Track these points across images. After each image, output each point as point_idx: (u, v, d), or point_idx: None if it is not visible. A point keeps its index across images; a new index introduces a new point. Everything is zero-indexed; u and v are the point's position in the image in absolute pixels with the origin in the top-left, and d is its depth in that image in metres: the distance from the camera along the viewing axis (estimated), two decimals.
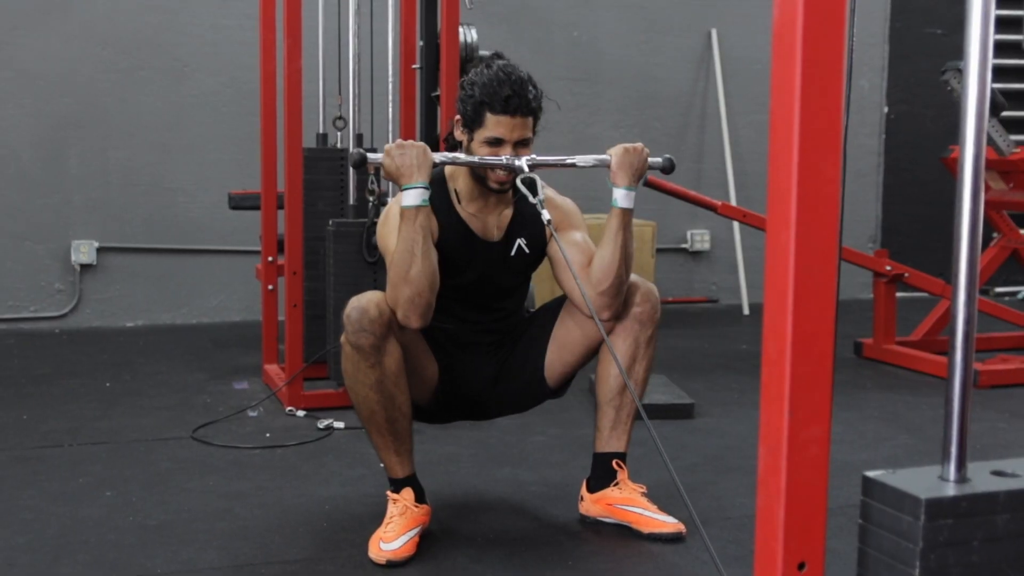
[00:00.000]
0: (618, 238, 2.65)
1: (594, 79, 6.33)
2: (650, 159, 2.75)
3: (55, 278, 5.64)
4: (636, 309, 2.70)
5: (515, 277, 2.79)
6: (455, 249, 2.67)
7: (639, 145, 2.72)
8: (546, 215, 2.53)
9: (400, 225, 2.51)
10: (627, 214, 2.68)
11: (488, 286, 2.75)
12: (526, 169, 2.58)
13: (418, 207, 2.50)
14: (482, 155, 2.63)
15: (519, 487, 3.11)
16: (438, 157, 2.59)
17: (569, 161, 2.74)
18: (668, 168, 2.82)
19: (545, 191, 2.82)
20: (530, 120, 2.64)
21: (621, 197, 2.68)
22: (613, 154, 2.70)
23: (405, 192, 2.51)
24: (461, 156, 2.64)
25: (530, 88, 2.62)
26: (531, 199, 2.56)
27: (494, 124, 2.60)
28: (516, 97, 2.58)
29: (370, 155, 2.58)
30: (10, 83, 5.50)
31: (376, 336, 2.50)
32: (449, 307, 2.67)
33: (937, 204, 6.88)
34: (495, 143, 2.61)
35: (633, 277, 2.72)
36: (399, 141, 2.55)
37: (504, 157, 2.60)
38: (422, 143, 2.55)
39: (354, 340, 2.51)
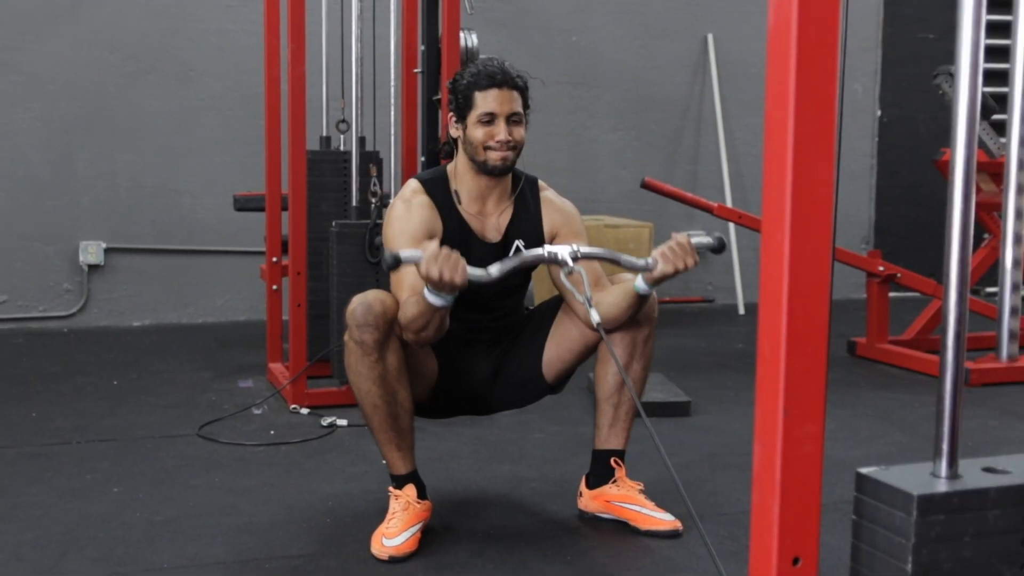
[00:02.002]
0: (629, 310, 2.63)
1: (592, 83, 6.32)
2: (698, 241, 2.54)
3: (63, 278, 5.63)
4: None
5: (515, 277, 2.79)
6: (455, 249, 2.66)
7: (690, 262, 2.51)
8: (595, 316, 2.32)
9: (422, 303, 2.43)
10: (645, 299, 2.63)
11: (488, 286, 2.74)
12: (570, 263, 2.41)
13: (443, 306, 2.44)
14: (478, 139, 2.63)
15: (519, 484, 3.10)
16: (472, 272, 2.38)
17: (613, 257, 2.50)
18: (718, 249, 2.55)
19: (545, 192, 2.82)
20: (517, 95, 2.65)
21: (644, 288, 2.58)
22: (659, 263, 2.52)
23: (434, 296, 2.41)
24: (494, 269, 2.41)
25: (512, 68, 2.68)
26: (578, 297, 2.43)
27: (483, 100, 2.63)
28: (501, 72, 2.64)
29: (403, 254, 2.35)
30: (19, 87, 5.50)
31: (379, 333, 2.51)
32: (451, 307, 2.67)
33: (929, 206, 6.87)
34: (488, 120, 2.62)
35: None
36: (437, 250, 2.36)
37: (546, 249, 2.46)
38: (461, 259, 2.37)
39: (357, 336, 2.52)
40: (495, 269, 2.43)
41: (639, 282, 2.57)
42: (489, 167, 2.66)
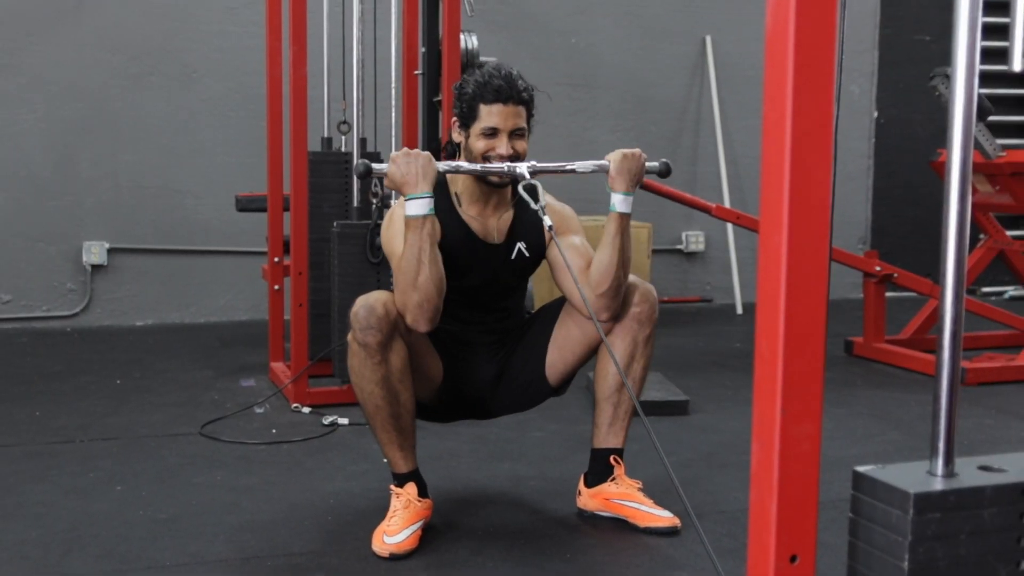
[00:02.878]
0: (616, 241, 2.65)
1: (592, 84, 6.32)
2: (647, 163, 2.74)
3: (67, 278, 5.63)
4: (635, 309, 2.70)
5: (516, 279, 2.79)
6: (457, 252, 2.66)
7: (637, 151, 2.72)
8: (547, 221, 2.50)
9: (406, 233, 2.50)
10: (625, 218, 2.68)
11: (490, 288, 2.75)
12: (527, 176, 2.56)
13: (424, 216, 2.49)
14: (479, 149, 2.63)
15: (518, 482, 3.10)
16: (442, 166, 2.57)
17: (569, 167, 2.72)
18: (665, 172, 2.82)
19: (545, 198, 2.81)
20: (522, 110, 2.64)
21: (619, 202, 2.68)
22: (611, 160, 2.70)
23: (410, 201, 2.49)
24: (464, 164, 2.63)
25: (519, 81, 2.65)
26: (532, 205, 2.53)
27: (487, 114, 2.61)
28: (507, 87, 2.61)
29: (375, 165, 2.55)
30: (23, 89, 5.50)
31: (383, 334, 2.50)
32: (452, 309, 2.67)
33: (925, 206, 6.88)
34: (491, 134, 2.61)
35: (632, 278, 2.72)
36: (404, 150, 2.53)
37: (505, 165, 2.60)
38: (427, 152, 2.53)
39: (361, 338, 2.51)
40: (464, 165, 2.62)
41: (613, 201, 2.68)
42: (488, 181, 2.67)
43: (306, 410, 3.85)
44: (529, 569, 2.47)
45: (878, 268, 4.82)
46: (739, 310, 6.37)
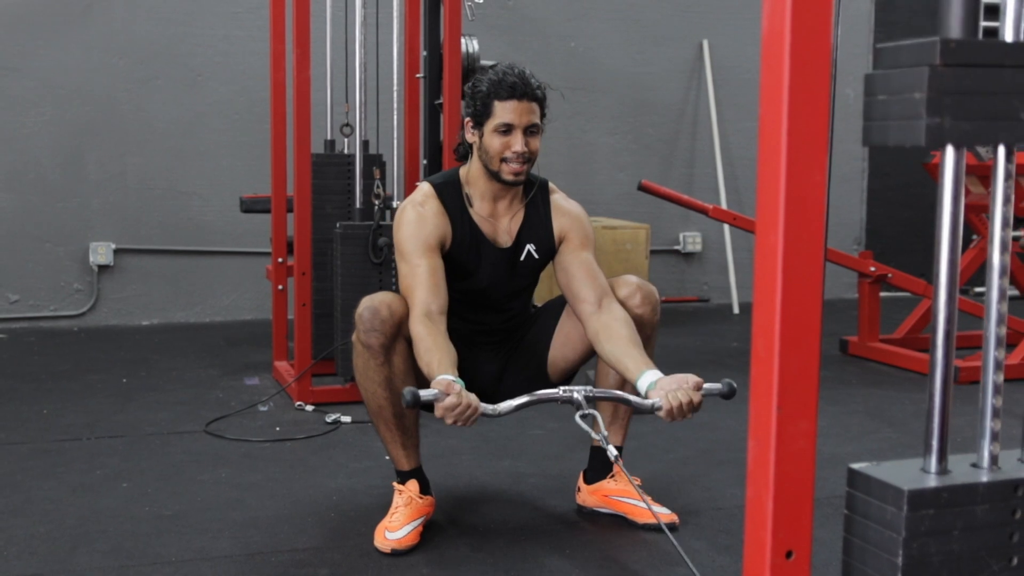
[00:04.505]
0: (619, 378, 2.63)
1: (590, 88, 6.32)
2: (707, 386, 2.47)
3: (74, 278, 5.63)
4: (637, 311, 2.69)
5: (524, 281, 2.78)
6: (466, 254, 2.65)
7: (690, 415, 2.44)
8: (612, 451, 2.32)
9: (426, 374, 2.42)
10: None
11: (497, 289, 2.74)
12: (584, 405, 2.35)
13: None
14: (495, 147, 2.59)
15: (519, 479, 3.10)
16: (486, 409, 2.34)
17: (623, 397, 2.46)
18: (729, 394, 2.48)
19: (555, 195, 2.79)
20: (536, 107, 2.62)
21: (642, 397, 2.50)
22: (663, 410, 2.44)
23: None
24: (504, 406, 2.36)
25: (533, 78, 2.63)
26: (594, 436, 2.34)
27: (502, 110, 2.59)
28: (521, 83, 2.59)
29: (423, 393, 2.27)
30: (31, 92, 5.50)
31: (386, 336, 2.50)
32: (459, 310, 2.66)
33: (919, 208, 6.88)
34: (505, 131, 2.59)
35: (633, 279, 2.71)
36: (461, 406, 2.28)
37: (561, 390, 2.40)
38: (476, 410, 2.30)
39: (365, 339, 2.51)
40: (504, 407, 2.35)
41: (641, 385, 2.47)
42: (502, 179, 2.64)
43: (309, 408, 3.85)
44: (529, 565, 2.47)
45: (872, 268, 4.82)
46: (735, 310, 6.37)
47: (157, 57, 5.65)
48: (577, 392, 2.37)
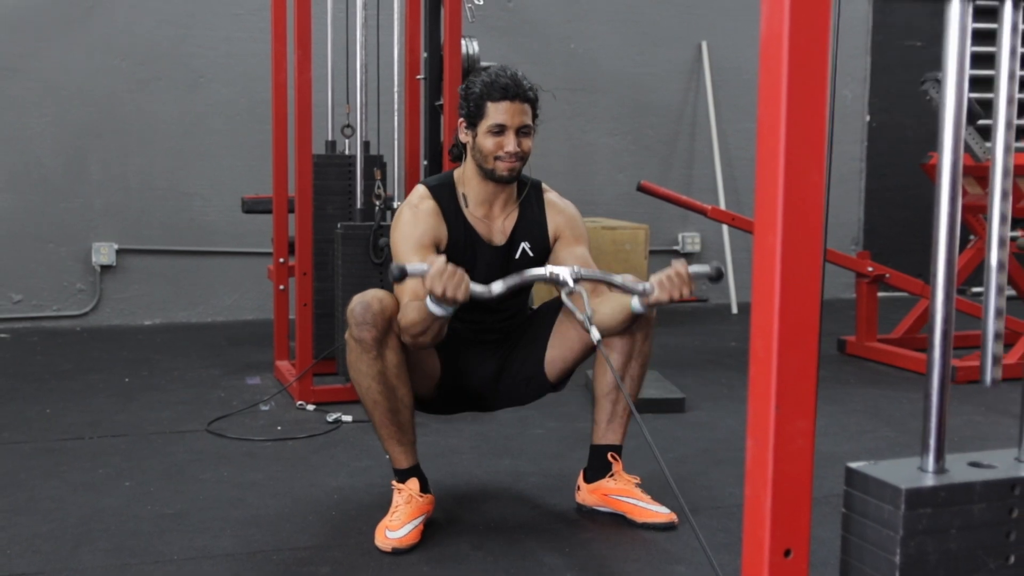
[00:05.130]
0: (625, 324, 2.62)
1: (590, 89, 6.32)
2: (694, 269, 2.48)
3: (76, 278, 5.63)
4: None
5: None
6: (461, 253, 2.66)
7: (682, 271, 2.46)
8: (595, 334, 2.32)
9: (423, 310, 2.43)
10: (640, 316, 2.60)
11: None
12: (571, 283, 2.42)
13: (444, 316, 2.44)
14: (487, 148, 2.61)
15: (519, 478, 3.10)
16: (476, 288, 2.40)
17: (610, 279, 2.51)
18: (717, 276, 2.50)
19: (548, 195, 2.81)
20: (528, 108, 2.63)
21: (640, 309, 2.55)
22: (656, 290, 2.47)
23: (436, 305, 2.40)
24: (496, 286, 2.43)
25: (524, 80, 2.65)
26: (578, 316, 2.37)
27: (495, 111, 2.60)
28: (513, 85, 2.61)
29: (410, 267, 2.34)
30: (34, 93, 5.50)
31: (378, 330, 2.50)
32: (456, 309, 2.66)
33: (917, 208, 6.88)
34: (498, 131, 2.60)
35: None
36: (443, 266, 2.34)
37: (548, 270, 2.46)
38: (465, 277, 2.37)
39: (357, 334, 2.52)
40: (497, 286, 2.43)
41: (635, 303, 2.54)
42: (497, 176, 2.66)
43: (310, 407, 3.85)
44: (528, 563, 2.47)
45: (870, 268, 4.82)
46: (734, 310, 6.37)
47: (159, 58, 5.65)
48: (563, 273, 2.43)
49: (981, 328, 1.26)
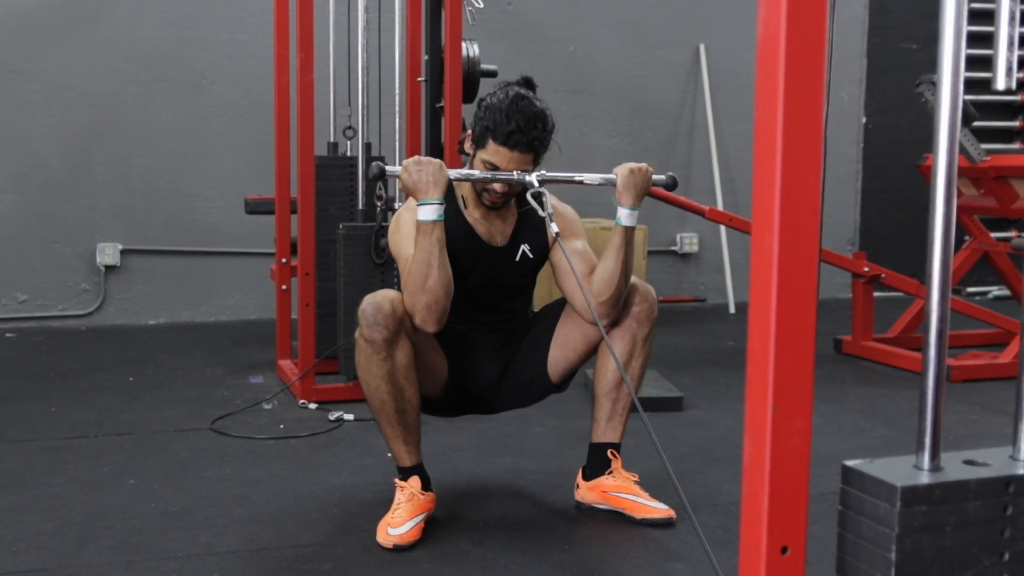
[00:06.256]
0: (620, 254, 2.64)
1: (589, 91, 6.32)
2: (654, 177, 2.70)
3: (81, 278, 5.63)
4: (635, 308, 2.70)
5: (520, 280, 2.79)
6: (462, 253, 2.66)
7: (643, 165, 2.67)
8: (554, 228, 2.49)
9: (416, 237, 2.50)
10: (630, 231, 2.66)
11: (495, 289, 2.74)
12: (536, 184, 2.55)
13: (434, 221, 2.49)
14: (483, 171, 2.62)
15: (519, 475, 3.10)
16: (453, 174, 2.55)
17: (577, 178, 2.70)
18: (671, 185, 2.76)
19: (551, 201, 2.81)
20: (530, 156, 2.60)
21: (625, 216, 2.65)
22: (619, 174, 2.66)
23: (421, 207, 2.49)
24: (475, 172, 2.60)
25: (537, 125, 2.58)
26: (540, 212, 2.53)
27: (494, 151, 2.59)
28: (519, 133, 2.56)
29: (388, 168, 2.54)
30: (39, 95, 5.50)
31: (389, 331, 2.50)
32: (458, 309, 2.66)
33: (912, 209, 6.88)
34: (492, 168, 2.61)
35: (631, 278, 2.71)
36: (417, 157, 2.51)
37: (515, 173, 2.57)
38: (439, 160, 2.51)
39: (368, 335, 2.51)
40: (475, 174, 2.58)
41: (619, 214, 2.64)
42: (483, 201, 2.68)
43: (313, 406, 3.85)
44: (528, 560, 2.47)
45: (866, 269, 4.82)
46: (732, 309, 6.37)
47: (162, 61, 5.65)
48: (531, 175, 2.56)
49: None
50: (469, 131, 2.67)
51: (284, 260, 4.41)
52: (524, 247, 2.74)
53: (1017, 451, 1.24)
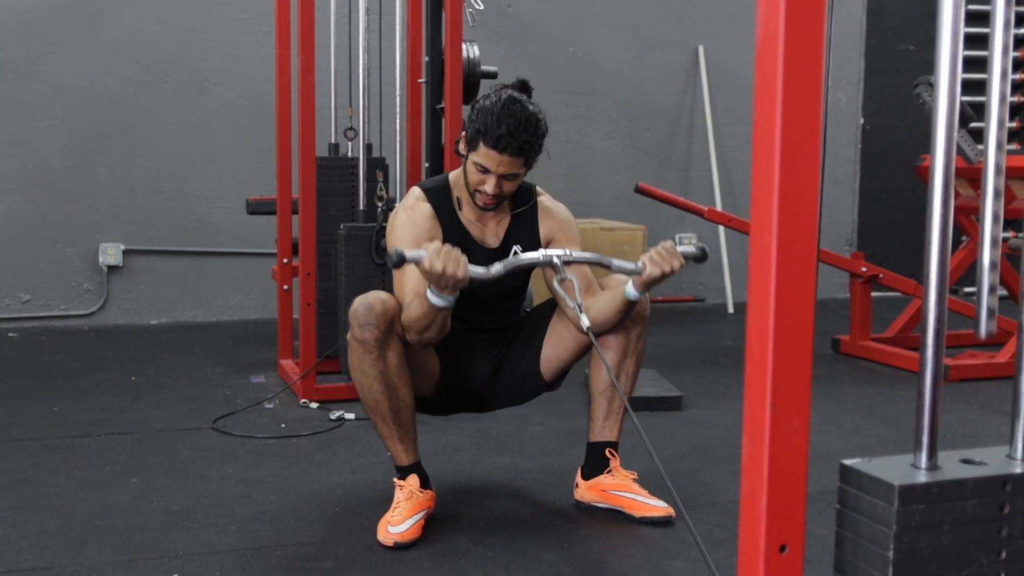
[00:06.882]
0: (619, 315, 2.63)
1: (588, 92, 6.32)
2: (683, 249, 2.54)
3: (84, 279, 5.63)
4: None
5: (513, 281, 2.78)
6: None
7: (677, 265, 2.51)
8: (585, 321, 2.37)
9: (424, 305, 2.44)
10: (634, 303, 2.61)
11: (488, 290, 2.73)
12: (563, 269, 2.43)
13: (444, 307, 2.45)
14: (472, 179, 2.61)
15: (518, 474, 3.10)
16: (475, 271, 2.40)
17: (604, 262, 2.51)
18: (701, 257, 2.57)
19: (541, 198, 2.81)
20: (520, 160, 2.58)
21: (635, 295, 2.58)
22: (648, 270, 2.51)
23: (435, 296, 2.41)
24: (496, 267, 2.44)
25: (528, 130, 2.54)
26: (569, 303, 2.41)
27: (484, 154, 2.57)
28: (509, 137, 2.53)
29: (408, 253, 2.35)
30: (43, 96, 5.50)
31: (380, 331, 2.50)
32: (452, 309, 2.66)
33: (910, 209, 6.87)
34: (483, 170, 2.60)
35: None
36: (446, 249, 2.36)
37: (540, 253, 2.48)
38: (464, 257, 2.37)
39: (359, 335, 2.51)
40: (496, 267, 2.44)
41: (629, 288, 2.56)
42: (475, 203, 2.67)
43: (314, 405, 3.85)
44: (528, 558, 2.47)
45: (864, 269, 4.82)
46: (730, 309, 6.37)
47: (165, 62, 5.64)
48: (556, 256, 2.44)
49: (976, 281, 1.26)
50: (463, 133, 2.67)
51: (285, 260, 4.41)
52: (516, 248, 2.73)
53: (1014, 450, 1.24)
